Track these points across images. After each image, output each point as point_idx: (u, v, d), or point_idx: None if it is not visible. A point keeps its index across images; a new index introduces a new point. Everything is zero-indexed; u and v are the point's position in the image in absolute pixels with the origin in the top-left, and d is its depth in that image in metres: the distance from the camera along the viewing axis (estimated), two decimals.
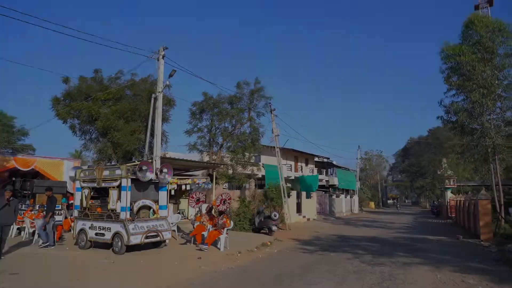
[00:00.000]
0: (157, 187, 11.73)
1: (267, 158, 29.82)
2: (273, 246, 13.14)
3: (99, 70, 18.70)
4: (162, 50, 14.56)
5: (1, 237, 9.32)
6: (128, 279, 7.48)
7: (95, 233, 10.81)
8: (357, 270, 8.94)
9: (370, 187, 63.09)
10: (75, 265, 8.68)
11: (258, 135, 21.68)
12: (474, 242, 14.81)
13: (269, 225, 16.52)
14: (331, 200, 35.70)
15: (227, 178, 21.08)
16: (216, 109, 21.11)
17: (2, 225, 9.36)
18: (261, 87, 21.61)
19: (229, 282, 7.52)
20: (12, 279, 7.20)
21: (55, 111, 17.78)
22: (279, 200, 20.73)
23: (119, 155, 17.52)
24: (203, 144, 21.67)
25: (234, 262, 9.82)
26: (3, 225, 9.37)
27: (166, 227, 11.18)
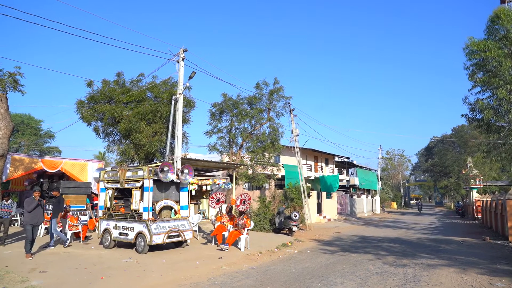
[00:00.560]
0: (178, 187, 11.89)
1: (287, 158, 29.76)
2: (293, 246, 13.11)
3: (121, 73, 19.11)
4: (182, 52, 14.78)
5: (33, 236, 9.74)
6: (151, 278, 7.62)
7: (119, 232, 11.06)
8: (379, 271, 8.82)
9: (392, 187, 62.01)
10: (100, 264, 8.90)
11: (278, 135, 21.66)
12: (502, 244, 14.34)
13: (289, 226, 16.47)
14: (352, 200, 35.27)
15: (247, 178, 21.14)
16: (235, 110, 21.22)
17: (33, 225, 9.76)
18: (280, 87, 21.60)
19: (250, 282, 7.55)
20: (41, 276, 7.47)
21: (80, 114, 18.28)
22: (299, 201, 20.65)
23: (141, 157, 17.85)
24: (223, 145, 21.82)
25: (255, 262, 9.86)
26: (34, 225, 9.77)
27: (187, 227, 11.32)
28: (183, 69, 14.82)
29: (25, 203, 9.84)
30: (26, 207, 9.78)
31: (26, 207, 9.78)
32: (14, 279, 7.22)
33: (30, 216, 9.75)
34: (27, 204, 9.80)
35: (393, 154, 63.83)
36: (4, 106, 11.90)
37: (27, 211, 9.79)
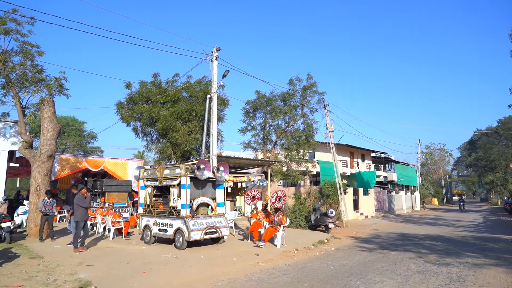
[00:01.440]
0: (215, 185, 12.08)
1: (322, 155, 29.40)
2: (330, 243, 12.95)
3: (158, 74, 19.68)
4: (215, 51, 14.96)
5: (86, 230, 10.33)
6: (189, 273, 7.81)
7: (158, 229, 11.41)
8: (421, 270, 8.52)
9: (433, 183, 59.62)
10: (142, 258, 9.22)
11: (312, 131, 21.46)
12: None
13: (325, 223, 16.27)
14: (390, 196, 34.29)
15: (282, 175, 21.12)
16: (269, 107, 21.24)
17: (85, 221, 10.35)
18: (313, 82, 21.36)
19: (287, 279, 7.54)
20: (88, 270, 7.87)
21: (120, 115, 19.01)
22: (335, 197, 20.37)
23: (178, 155, 18.30)
24: (257, 142, 21.92)
25: (291, 259, 9.84)
26: (86, 221, 10.36)
27: (224, 223, 11.49)
28: (216, 67, 15.02)
29: (77, 200, 10.36)
30: (81, 204, 10.35)
31: (81, 204, 10.35)
32: (64, 271, 7.66)
33: (81, 213, 10.32)
34: (81, 201, 10.37)
35: (433, 148, 61.37)
36: (51, 110, 12.60)
37: (81, 207, 10.33)
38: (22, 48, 12.72)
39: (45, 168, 12.42)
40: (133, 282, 6.98)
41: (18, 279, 7.05)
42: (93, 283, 6.78)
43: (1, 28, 12.01)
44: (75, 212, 10.37)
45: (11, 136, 15.36)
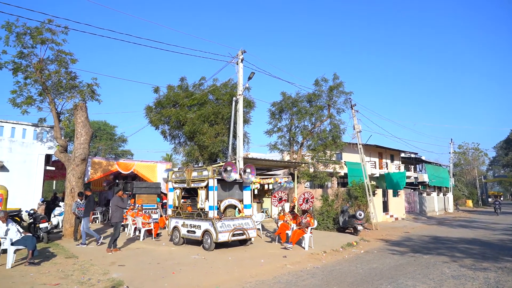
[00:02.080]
0: (241, 186, 12.14)
1: (349, 156, 28.96)
2: (359, 246, 12.72)
3: (184, 78, 20.02)
4: (241, 54, 15.06)
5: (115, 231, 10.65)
6: (218, 274, 7.87)
7: (187, 230, 11.59)
8: (456, 274, 8.21)
9: (467, 183, 57.32)
10: (171, 259, 9.39)
11: (339, 132, 21.16)
12: None
13: (354, 225, 16.00)
14: (421, 198, 33.28)
15: (309, 176, 20.95)
16: (295, 108, 21.13)
17: (121, 222, 10.72)
18: (340, 82, 21.06)
19: (316, 282, 7.46)
20: (120, 269, 8.10)
21: (148, 119, 19.47)
22: (363, 199, 19.98)
23: (205, 157, 18.52)
24: (283, 144, 21.85)
25: (319, 261, 9.74)
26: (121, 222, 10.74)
27: (251, 225, 11.52)
28: (242, 70, 15.12)
29: (116, 202, 10.71)
30: (120, 205, 10.77)
31: (120, 205, 10.77)
32: (97, 271, 7.92)
33: (120, 215, 10.73)
34: (120, 203, 10.78)
35: (467, 148, 59.10)
36: (84, 115, 13.08)
37: (120, 209, 10.76)
38: (57, 56, 13.29)
39: (79, 171, 12.89)
40: (163, 283, 7.11)
41: (55, 277, 7.34)
42: (125, 282, 6.97)
43: (38, 38, 12.60)
44: (115, 213, 10.67)
45: (48, 140, 16.08)
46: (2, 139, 15.33)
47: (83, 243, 11.34)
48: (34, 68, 12.90)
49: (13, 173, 15.23)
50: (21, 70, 13.05)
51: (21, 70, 13.04)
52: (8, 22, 12.43)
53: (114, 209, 10.64)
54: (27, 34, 12.64)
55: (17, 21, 12.51)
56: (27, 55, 12.93)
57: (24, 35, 12.60)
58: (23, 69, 13.05)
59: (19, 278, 7.20)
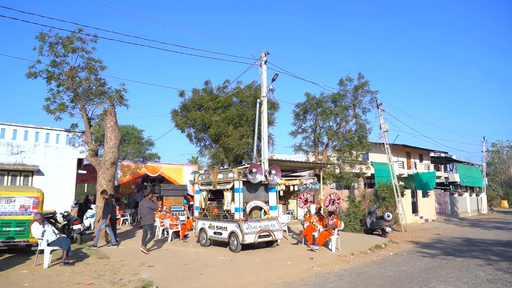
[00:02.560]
0: (267, 188, 12.16)
1: (376, 156, 28.42)
2: (388, 248, 12.46)
3: (209, 81, 20.26)
4: (264, 55, 15.11)
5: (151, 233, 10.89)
6: (244, 276, 7.92)
7: (213, 232, 11.72)
8: (492, 278, 7.90)
9: (501, 183, 54.97)
10: (198, 260, 9.53)
11: (365, 132, 20.84)
12: None
13: (382, 226, 15.69)
14: (453, 199, 32.20)
15: (335, 177, 20.72)
16: (319, 108, 20.98)
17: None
18: (365, 81, 20.75)
19: (344, 284, 7.38)
20: (149, 270, 8.29)
21: (174, 122, 19.84)
22: (391, 200, 19.57)
23: (230, 159, 18.66)
24: (308, 145, 21.73)
25: (347, 263, 9.61)
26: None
27: (277, 227, 11.51)
28: (265, 72, 15.16)
29: (149, 204, 11.01)
30: (153, 207, 11.12)
31: (153, 207, 11.11)
32: (128, 271, 8.14)
33: (153, 217, 11.09)
34: (152, 205, 11.11)
35: (501, 146, 56.51)
36: (113, 119, 13.48)
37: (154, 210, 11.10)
38: (87, 64, 13.79)
39: (109, 174, 13.28)
40: (191, 283, 7.23)
41: (89, 277, 7.61)
42: (155, 283, 7.13)
43: (69, 47, 13.12)
44: (149, 215, 10.91)
45: (80, 145, 16.68)
46: (37, 145, 16.03)
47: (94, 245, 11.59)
48: (66, 76, 13.43)
49: (48, 176, 15.89)
50: (54, 78, 13.63)
51: (54, 78, 13.61)
52: (42, 33, 13.01)
53: (147, 211, 10.86)
54: (59, 44, 13.18)
55: (50, 31, 13.08)
56: (59, 64, 13.47)
57: (56, 44, 13.15)
58: (56, 77, 13.61)
59: (55, 278, 7.51)
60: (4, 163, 15.19)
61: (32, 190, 10.59)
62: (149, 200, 11.17)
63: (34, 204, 10.02)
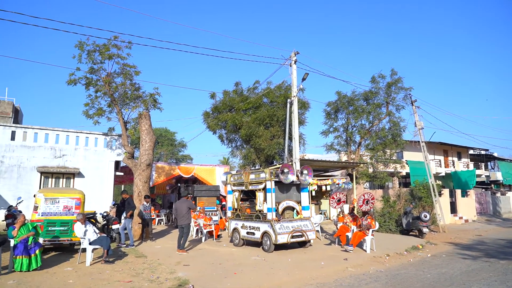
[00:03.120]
0: (299, 188, 12.12)
1: (411, 154, 27.60)
2: (425, 249, 12.07)
3: (239, 83, 20.48)
4: (294, 55, 15.07)
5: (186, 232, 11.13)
6: (278, 276, 7.94)
7: (246, 232, 11.82)
8: None
9: None
10: (232, 260, 9.64)
11: (399, 130, 20.32)
12: None
13: (419, 227, 15.22)
14: (495, 198, 30.67)
15: (368, 177, 20.33)
16: (351, 107, 20.68)
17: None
18: (398, 78, 20.24)
19: (380, 286, 7.23)
20: (185, 269, 8.49)
21: (206, 124, 20.19)
22: (428, 199, 18.95)
23: (262, 160, 18.75)
24: (340, 144, 21.47)
25: (382, 265, 9.41)
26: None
27: (310, 227, 11.45)
28: (295, 71, 15.12)
29: (189, 204, 11.31)
30: (193, 207, 11.50)
31: (193, 207, 11.49)
32: (164, 270, 8.38)
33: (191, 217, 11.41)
34: (193, 205, 11.47)
35: None
36: (148, 123, 13.92)
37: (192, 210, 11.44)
38: (123, 69, 14.32)
39: (144, 175, 13.72)
40: (226, 283, 7.34)
41: (128, 275, 7.90)
42: (190, 281, 7.30)
43: (106, 54, 13.69)
44: (188, 215, 11.12)
45: (116, 148, 17.35)
46: (78, 148, 16.82)
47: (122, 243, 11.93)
48: (103, 81, 14.01)
49: (88, 178, 16.64)
50: (92, 84, 14.26)
51: (92, 84, 14.24)
52: (81, 42, 13.66)
53: (186, 211, 11.10)
54: (96, 51, 13.78)
55: (88, 40, 13.71)
56: (97, 70, 14.08)
57: (94, 52, 13.76)
58: (94, 83, 14.24)
59: (97, 275, 7.86)
60: (48, 166, 16.06)
61: (74, 191, 11.14)
62: (189, 201, 11.46)
63: (77, 205, 10.53)
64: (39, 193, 10.53)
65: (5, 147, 15.64)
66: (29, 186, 15.61)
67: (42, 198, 10.28)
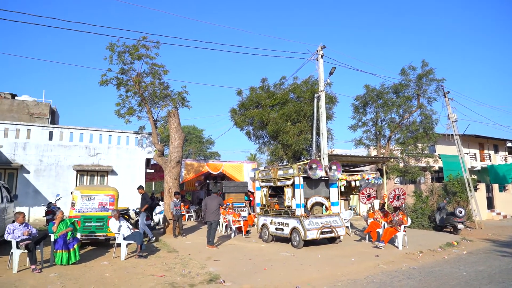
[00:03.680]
0: (328, 184, 12.00)
1: (444, 148, 26.68)
2: (460, 246, 11.67)
3: (265, 79, 20.46)
4: (320, 49, 14.89)
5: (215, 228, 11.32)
6: (308, 272, 7.92)
7: (275, 228, 11.85)
8: None
9: None
10: (261, 256, 9.70)
11: (431, 123, 19.70)
12: None
13: (453, 223, 14.73)
14: None
15: (399, 172, 19.86)
16: (380, 100, 20.22)
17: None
18: (430, 69, 19.60)
19: (413, 283, 7.07)
20: (215, 264, 8.63)
21: (233, 121, 20.33)
22: (463, 195, 18.27)
23: (289, 155, 18.70)
24: (369, 138, 21.08)
25: (415, 262, 9.19)
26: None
27: (339, 223, 11.33)
28: (322, 66, 14.93)
29: (220, 201, 11.60)
30: (222, 204, 11.88)
31: (222, 204, 11.88)
32: (195, 265, 8.55)
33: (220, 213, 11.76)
34: (222, 202, 11.86)
35: None
36: (176, 121, 14.18)
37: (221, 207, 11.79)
38: (151, 69, 14.65)
39: (174, 172, 14.01)
40: (256, 278, 7.40)
41: (161, 269, 8.13)
42: (221, 276, 7.41)
43: (135, 55, 14.04)
44: (217, 211, 11.34)
45: (147, 146, 17.81)
46: (110, 147, 17.40)
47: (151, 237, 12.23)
48: (133, 81, 14.39)
49: (120, 176, 17.19)
50: (123, 85, 14.68)
51: (123, 84, 14.66)
52: (111, 43, 14.08)
53: (217, 207, 11.28)
54: (126, 52, 14.16)
55: (118, 41, 14.10)
56: (127, 71, 14.48)
57: (124, 53, 14.15)
58: (124, 83, 14.66)
59: (132, 269, 8.13)
60: (83, 164, 16.72)
61: (108, 188, 11.55)
62: (218, 197, 11.66)
63: (111, 201, 10.92)
64: (76, 190, 11.00)
65: (44, 147, 16.41)
66: (66, 183, 16.32)
67: (78, 195, 10.74)
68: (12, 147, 15.96)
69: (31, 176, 16.07)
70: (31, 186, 15.98)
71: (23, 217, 8.31)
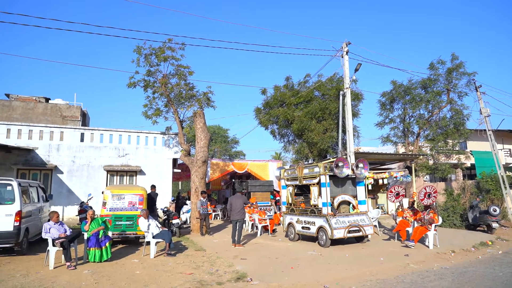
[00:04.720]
0: (354, 182, 11.83)
1: (476, 144, 25.71)
2: (495, 246, 11.22)
3: (290, 77, 20.35)
4: (345, 46, 14.68)
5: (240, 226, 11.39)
6: (336, 271, 7.85)
7: (301, 226, 11.79)
8: None
9: None
10: (288, 254, 9.68)
11: (462, 118, 19.03)
12: None
13: (487, 222, 14.16)
14: None
15: (428, 169, 19.31)
16: (408, 96, 19.73)
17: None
18: (460, 63, 18.93)
19: (446, 284, 6.86)
20: (242, 263, 8.69)
21: (258, 120, 20.36)
22: (497, 192, 17.57)
23: (315, 154, 18.55)
24: (396, 135, 20.60)
25: (447, 262, 8.91)
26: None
27: (367, 222, 11.15)
28: (347, 62, 14.71)
29: (245, 200, 11.68)
30: (247, 203, 12.01)
31: (247, 203, 11.99)
32: (223, 263, 8.65)
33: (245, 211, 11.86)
34: (247, 201, 11.93)
35: None
36: (202, 121, 14.36)
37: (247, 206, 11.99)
38: (177, 70, 14.90)
39: (201, 172, 14.20)
40: (284, 276, 7.40)
41: (189, 267, 8.27)
42: (248, 274, 7.45)
43: (161, 57, 14.32)
44: (243, 210, 11.43)
45: (174, 146, 18.14)
46: (139, 147, 17.84)
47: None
48: (160, 83, 14.69)
49: (148, 175, 17.59)
50: (150, 86, 15.01)
51: (150, 86, 15.00)
52: (138, 46, 14.42)
53: (242, 206, 11.36)
54: (152, 54, 14.47)
55: (144, 44, 14.43)
56: (153, 73, 14.80)
57: (150, 55, 14.46)
58: (151, 85, 14.99)
59: (161, 267, 8.32)
60: (113, 164, 17.23)
61: (137, 188, 11.85)
62: (243, 196, 11.73)
63: (140, 200, 11.20)
64: (107, 190, 11.35)
65: (76, 148, 17.03)
66: (97, 183, 16.87)
67: (109, 194, 11.08)
68: (47, 148, 16.65)
69: (65, 176, 16.71)
70: (65, 186, 16.63)
71: (57, 216, 8.66)
